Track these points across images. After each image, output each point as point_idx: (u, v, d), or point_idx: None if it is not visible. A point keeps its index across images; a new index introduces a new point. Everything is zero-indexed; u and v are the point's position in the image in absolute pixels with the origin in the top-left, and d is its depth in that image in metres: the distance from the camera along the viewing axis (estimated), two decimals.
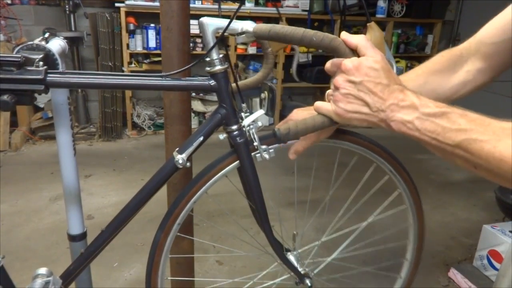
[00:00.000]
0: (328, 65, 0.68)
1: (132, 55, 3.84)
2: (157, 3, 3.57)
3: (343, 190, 1.07)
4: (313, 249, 1.04)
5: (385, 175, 0.96)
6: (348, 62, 0.63)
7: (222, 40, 0.75)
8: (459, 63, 0.83)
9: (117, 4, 3.58)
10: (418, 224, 1.05)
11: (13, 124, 3.54)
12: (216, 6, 3.81)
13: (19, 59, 0.70)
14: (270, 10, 4.06)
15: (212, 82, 0.78)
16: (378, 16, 4.36)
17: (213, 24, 0.74)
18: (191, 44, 2.83)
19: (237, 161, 0.83)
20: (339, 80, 0.65)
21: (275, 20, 4.10)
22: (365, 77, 0.62)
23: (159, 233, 0.87)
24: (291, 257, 0.99)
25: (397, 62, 4.61)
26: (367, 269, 1.19)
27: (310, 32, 0.66)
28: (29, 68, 0.71)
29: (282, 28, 0.67)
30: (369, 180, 0.98)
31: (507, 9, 0.76)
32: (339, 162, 1.00)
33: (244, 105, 0.83)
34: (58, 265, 1.92)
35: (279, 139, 0.74)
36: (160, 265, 0.90)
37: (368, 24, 0.65)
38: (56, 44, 0.90)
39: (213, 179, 0.84)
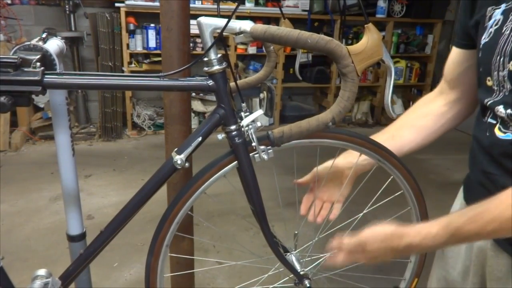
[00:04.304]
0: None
1: (132, 55, 3.84)
2: (157, 3, 3.57)
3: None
4: (311, 246, 1.03)
5: (387, 175, 0.95)
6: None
7: (221, 40, 0.75)
8: (431, 102, 0.95)
9: (117, 4, 3.57)
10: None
11: (13, 124, 3.54)
12: (216, 6, 3.80)
13: (16, 60, 0.69)
14: (270, 10, 4.05)
15: (210, 82, 0.78)
16: (378, 16, 4.35)
17: (211, 24, 0.73)
18: (191, 44, 2.81)
19: (235, 162, 0.83)
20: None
21: (275, 20, 4.10)
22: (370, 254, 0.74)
23: (155, 239, 0.86)
24: (291, 257, 0.98)
25: (397, 62, 4.60)
26: (368, 270, 1.18)
27: (305, 34, 0.65)
28: (26, 69, 0.71)
29: (277, 29, 0.66)
30: (371, 180, 0.98)
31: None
32: None
33: (244, 104, 0.82)
34: (58, 265, 1.92)
35: (272, 143, 0.73)
36: (158, 268, 0.89)
37: (365, 25, 0.64)
38: (54, 45, 0.89)
39: (210, 180, 0.83)
